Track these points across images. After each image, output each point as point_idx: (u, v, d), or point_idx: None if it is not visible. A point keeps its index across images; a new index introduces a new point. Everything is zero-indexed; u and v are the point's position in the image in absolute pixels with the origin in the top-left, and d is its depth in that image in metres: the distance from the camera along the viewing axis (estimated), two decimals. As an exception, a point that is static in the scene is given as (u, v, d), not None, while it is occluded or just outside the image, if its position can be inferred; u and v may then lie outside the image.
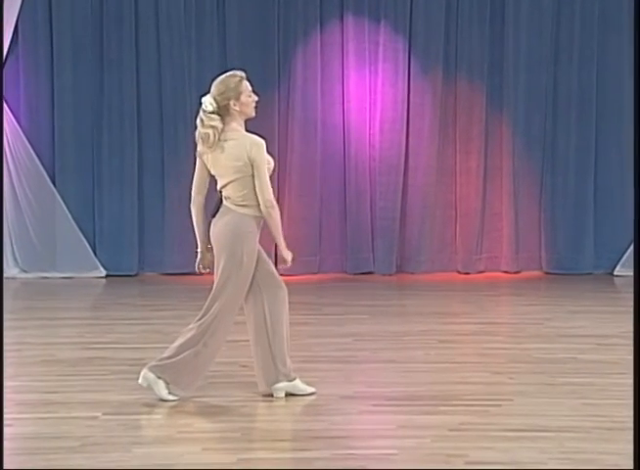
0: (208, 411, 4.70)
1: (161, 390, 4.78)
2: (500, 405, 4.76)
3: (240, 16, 8.83)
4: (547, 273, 9.00)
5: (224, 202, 4.80)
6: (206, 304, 4.83)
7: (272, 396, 4.87)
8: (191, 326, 4.85)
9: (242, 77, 4.81)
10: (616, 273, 8.85)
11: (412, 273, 9.05)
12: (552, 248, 9.00)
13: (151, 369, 4.79)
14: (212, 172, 4.84)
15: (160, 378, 4.77)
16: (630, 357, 5.72)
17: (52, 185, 8.79)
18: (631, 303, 7.88)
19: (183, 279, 8.70)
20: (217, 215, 4.83)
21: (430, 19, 8.84)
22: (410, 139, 8.99)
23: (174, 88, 8.84)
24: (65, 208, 8.78)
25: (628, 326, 6.62)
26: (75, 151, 8.84)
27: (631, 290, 8.30)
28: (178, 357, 4.77)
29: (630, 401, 4.79)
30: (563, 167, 8.98)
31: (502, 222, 9.03)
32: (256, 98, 4.85)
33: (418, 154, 9.01)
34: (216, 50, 8.87)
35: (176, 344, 4.83)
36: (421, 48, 8.91)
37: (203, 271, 4.99)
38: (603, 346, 6.06)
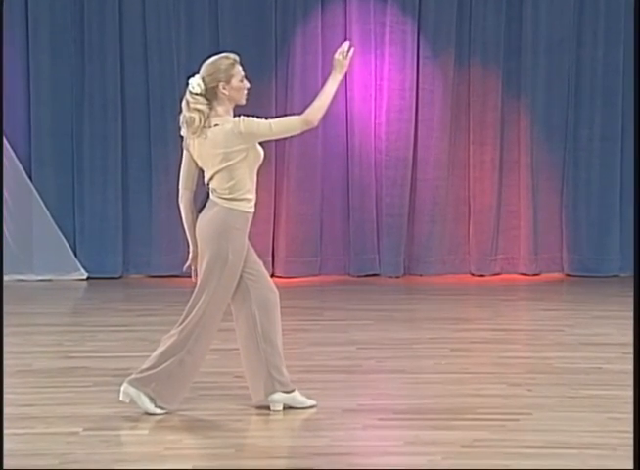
0: (199, 426, 4.70)
1: (146, 404, 4.77)
2: (518, 420, 4.75)
3: (233, -5, 8.83)
4: (569, 276, 8.99)
5: (211, 195, 4.80)
6: (188, 307, 4.82)
7: (268, 408, 4.87)
8: (172, 332, 4.84)
9: (235, 60, 4.82)
10: (644, 275, 8.84)
11: (421, 276, 9.05)
12: (574, 248, 8.99)
13: (131, 383, 4.78)
14: (199, 164, 4.83)
15: (142, 392, 4.76)
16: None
17: (28, 180, 8.78)
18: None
19: (171, 282, 8.70)
20: (204, 210, 4.82)
21: (440, -3, 8.84)
22: (419, 129, 8.99)
23: (162, 75, 8.84)
24: (42, 204, 8.78)
25: (658, 333, 6.63)
26: (54, 142, 8.84)
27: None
28: (160, 368, 4.76)
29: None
30: (586, 160, 8.97)
31: (519, 220, 9.03)
32: (248, 85, 4.85)
33: (427, 146, 9.00)
34: (207, 33, 8.86)
35: (157, 352, 4.82)
36: (431, 30, 8.90)
37: (193, 274, 4.96)
38: (630, 355, 6.03)
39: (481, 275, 9.06)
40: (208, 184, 4.81)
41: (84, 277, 8.88)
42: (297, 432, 4.69)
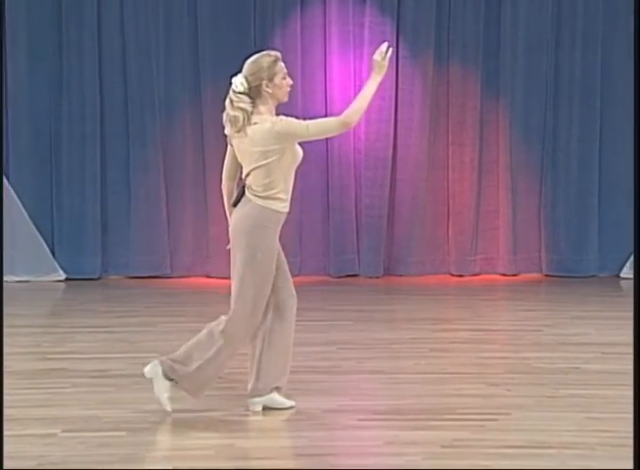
0: (179, 427, 4.68)
1: (163, 393, 4.76)
2: (497, 420, 4.77)
3: (212, -5, 8.81)
4: (547, 276, 9.03)
5: (246, 192, 4.79)
6: (232, 303, 4.82)
7: (248, 409, 4.86)
8: (214, 324, 4.81)
9: (277, 57, 4.84)
10: (622, 275, 8.89)
11: (401, 276, 9.07)
12: (553, 248, 9.03)
13: (163, 364, 4.77)
14: (238, 159, 4.83)
15: (169, 379, 4.77)
16: (638, 367, 5.77)
17: (5, 179, 8.74)
18: None
19: (151, 283, 8.68)
20: (239, 205, 4.81)
21: (419, -2, 8.86)
22: (398, 130, 9.00)
23: (140, 74, 8.81)
24: (20, 204, 8.74)
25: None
26: (31, 142, 8.80)
27: None
28: (191, 368, 4.74)
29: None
30: (564, 160, 9.01)
31: (499, 221, 9.05)
32: (291, 82, 4.87)
33: (407, 146, 9.02)
34: (186, 33, 8.84)
35: (191, 343, 4.80)
36: (410, 30, 8.92)
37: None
38: (608, 355, 6.08)
39: (461, 275, 9.08)
40: (245, 180, 4.80)
41: (62, 278, 8.84)
42: (277, 433, 4.68)
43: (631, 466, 4.17)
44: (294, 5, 8.87)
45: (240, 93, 4.74)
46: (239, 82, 4.75)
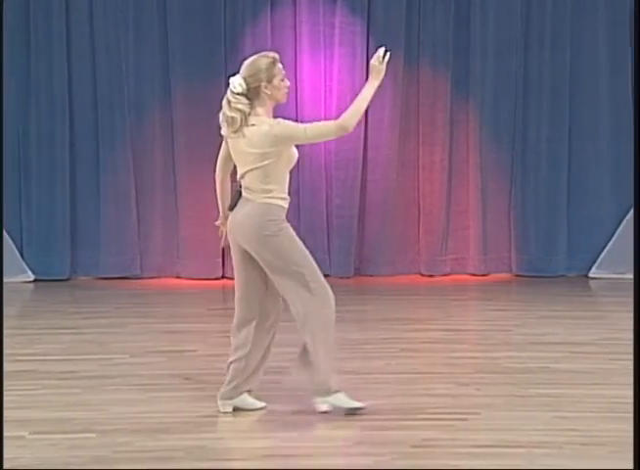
0: (148, 429, 4.68)
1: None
2: (467, 419, 4.79)
3: (182, -6, 8.80)
4: (517, 276, 9.08)
5: (243, 193, 4.80)
6: (292, 308, 4.83)
7: (218, 410, 4.86)
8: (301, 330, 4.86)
9: (275, 59, 4.83)
10: (591, 275, 8.96)
11: (371, 276, 9.09)
12: (522, 248, 9.08)
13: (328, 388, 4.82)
14: (233, 159, 4.83)
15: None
16: (607, 367, 5.81)
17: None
18: (608, 307, 8.01)
19: (120, 284, 8.65)
20: (237, 207, 4.81)
21: (390, -2, 8.88)
22: (369, 130, 9.02)
23: (109, 74, 8.79)
24: (-12, 205, 8.68)
25: (604, 333, 6.71)
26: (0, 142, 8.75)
27: (607, 293, 8.42)
28: (323, 364, 4.82)
29: (606, 415, 4.88)
30: (534, 161, 9.06)
31: (469, 221, 9.10)
32: (288, 84, 4.87)
33: (377, 146, 9.04)
34: (156, 32, 8.83)
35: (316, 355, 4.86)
36: (380, 30, 8.94)
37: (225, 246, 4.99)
38: (577, 354, 6.13)
39: (431, 275, 9.11)
40: (239, 182, 4.81)
41: (31, 279, 8.80)
42: (247, 434, 4.68)
43: (599, 462, 4.22)
44: (264, 5, 8.87)
45: (238, 94, 4.74)
46: (237, 83, 4.76)
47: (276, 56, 4.86)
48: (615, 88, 8.93)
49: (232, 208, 4.84)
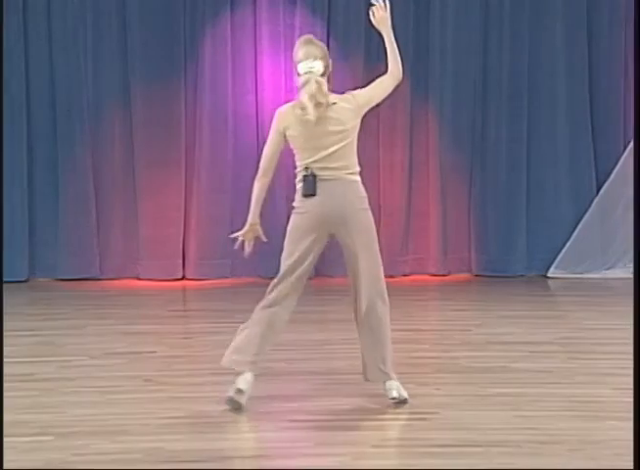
0: (106, 431, 4.64)
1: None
2: (426, 419, 4.80)
3: (142, -6, 8.75)
4: (477, 276, 9.12)
5: (323, 175, 4.83)
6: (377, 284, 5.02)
7: (176, 411, 4.83)
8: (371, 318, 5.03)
9: None
10: (549, 275, 9.02)
11: (332, 277, 9.08)
12: (482, 248, 9.12)
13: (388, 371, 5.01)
14: (304, 145, 4.84)
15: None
16: (566, 365, 5.86)
17: None
18: (566, 307, 8.07)
19: (79, 285, 8.59)
20: (321, 192, 4.85)
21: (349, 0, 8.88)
22: (329, 131, 9.01)
23: (68, 75, 8.72)
24: (-55, 206, 8.58)
25: (563, 332, 6.76)
26: (-43, 143, 8.66)
27: (566, 293, 8.49)
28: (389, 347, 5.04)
29: (564, 413, 4.91)
30: (493, 161, 9.10)
31: (429, 221, 9.12)
32: None
33: (338, 147, 9.02)
34: (115, 33, 8.76)
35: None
36: (340, 32, 8.95)
37: (247, 246, 5.17)
38: (536, 353, 6.16)
39: (391, 276, 9.08)
40: (308, 166, 4.85)
41: (-11, 281, 8.70)
42: (207, 435, 4.65)
43: (557, 460, 4.25)
44: (224, 6, 8.84)
45: (322, 75, 4.84)
46: (319, 65, 4.83)
47: None
48: (572, 89, 9.00)
49: (313, 193, 4.84)
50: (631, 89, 8.92)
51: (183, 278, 8.80)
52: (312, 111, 4.81)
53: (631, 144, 8.83)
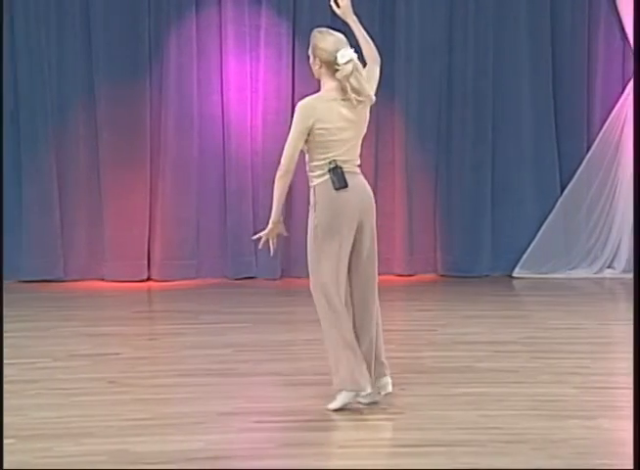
0: (70, 433, 4.62)
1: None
2: (392, 419, 4.82)
3: (106, -6, 8.70)
4: (442, 276, 9.14)
5: (347, 167, 4.93)
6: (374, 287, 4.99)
7: (142, 413, 4.81)
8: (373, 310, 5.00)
9: None
10: (514, 275, 9.06)
11: (299, 277, 9.06)
12: (447, 249, 9.15)
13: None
14: (339, 135, 4.89)
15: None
16: (530, 365, 5.89)
17: None
18: (531, 306, 8.11)
19: (43, 287, 8.52)
20: (351, 184, 4.93)
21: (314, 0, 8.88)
22: (295, 131, 9.00)
23: (31, 75, 8.63)
24: None
25: (527, 332, 6.80)
26: None
27: (531, 293, 8.53)
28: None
29: (528, 412, 4.94)
30: (458, 161, 9.12)
31: (394, 221, 9.13)
32: None
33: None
34: (79, 33, 8.69)
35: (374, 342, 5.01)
36: (306, 32, 8.83)
37: (272, 244, 5.25)
38: (501, 353, 6.19)
39: (358, 276, 9.12)
40: (334, 159, 4.93)
41: (-49, 283, 8.62)
42: (171, 436, 4.64)
43: (521, 459, 4.27)
44: (189, 5, 8.81)
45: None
46: (353, 53, 4.90)
47: None
48: (536, 89, 9.05)
49: (346, 185, 4.89)
50: (594, 90, 9.00)
51: (148, 279, 8.76)
52: (357, 95, 4.88)
53: (594, 146, 8.94)
